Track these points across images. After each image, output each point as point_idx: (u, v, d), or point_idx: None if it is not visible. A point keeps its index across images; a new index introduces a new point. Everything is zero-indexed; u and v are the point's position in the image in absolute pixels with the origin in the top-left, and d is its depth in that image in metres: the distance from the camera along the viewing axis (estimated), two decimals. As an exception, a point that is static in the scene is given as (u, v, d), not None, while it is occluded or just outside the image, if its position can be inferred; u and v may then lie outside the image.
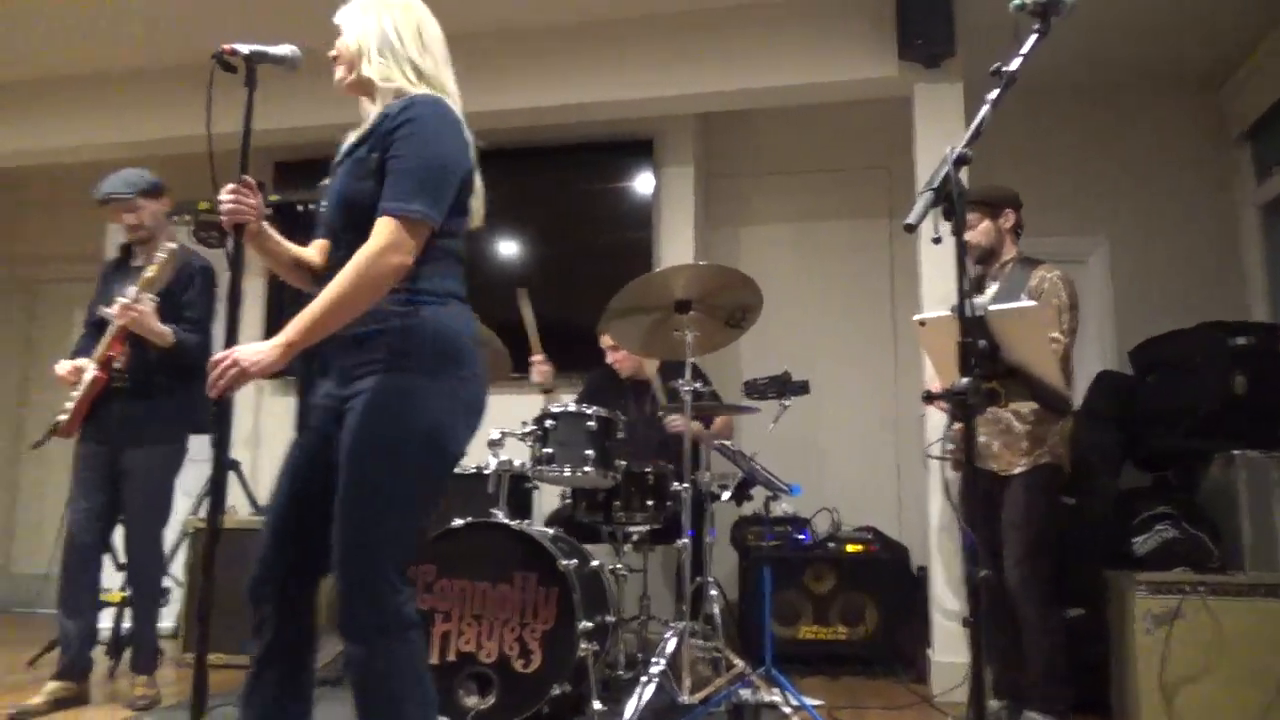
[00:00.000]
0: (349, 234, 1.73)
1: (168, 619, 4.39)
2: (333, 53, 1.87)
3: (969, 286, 1.46)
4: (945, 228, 1.47)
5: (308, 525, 1.75)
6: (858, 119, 4.86)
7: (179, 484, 3.37)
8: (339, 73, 1.86)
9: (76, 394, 3.17)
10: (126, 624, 3.78)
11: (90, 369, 3.16)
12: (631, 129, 4.71)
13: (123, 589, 3.78)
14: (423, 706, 1.68)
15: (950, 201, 1.43)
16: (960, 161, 1.48)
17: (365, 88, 1.84)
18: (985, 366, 1.49)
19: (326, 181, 1.88)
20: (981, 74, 1.75)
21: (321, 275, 1.85)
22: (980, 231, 3.05)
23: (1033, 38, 1.65)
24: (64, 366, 3.22)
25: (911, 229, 1.42)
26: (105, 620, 4.04)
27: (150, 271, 3.08)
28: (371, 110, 1.83)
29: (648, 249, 4.69)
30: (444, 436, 1.73)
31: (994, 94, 1.59)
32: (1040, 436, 2.88)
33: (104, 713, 3.16)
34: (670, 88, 4.14)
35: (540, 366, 3.83)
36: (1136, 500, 3.32)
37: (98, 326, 3.25)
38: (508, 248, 4.84)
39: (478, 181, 1.87)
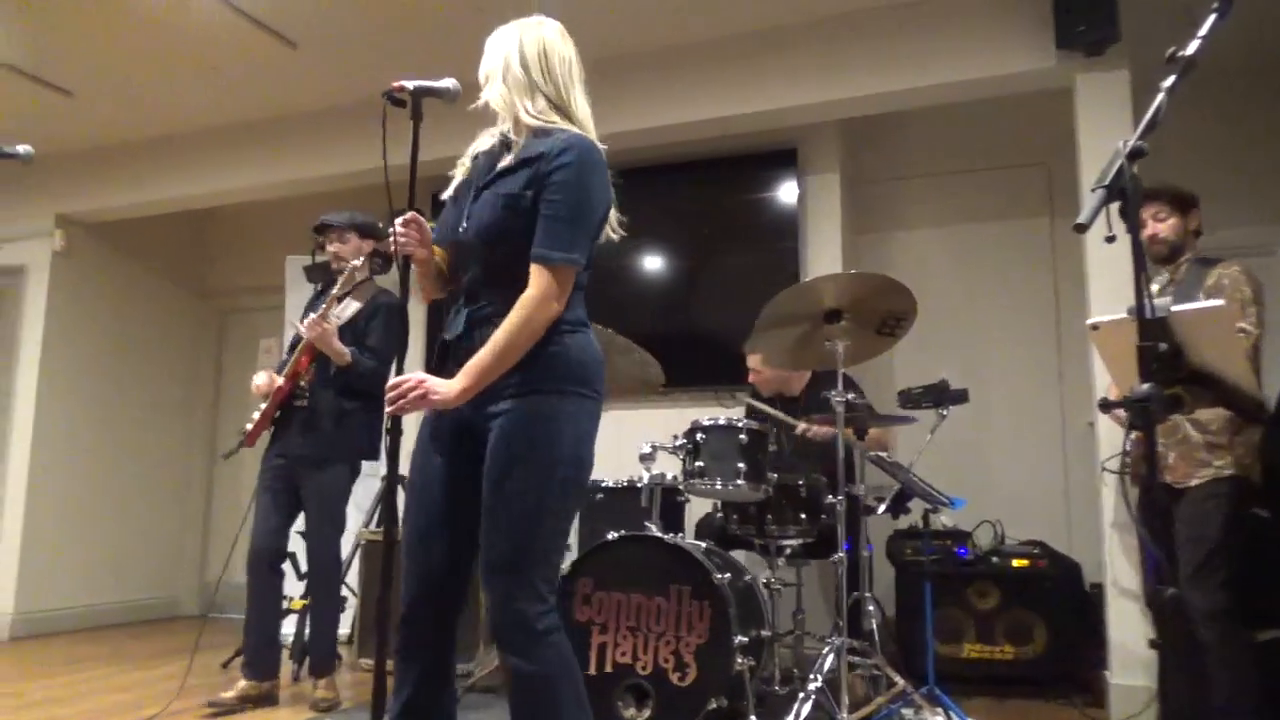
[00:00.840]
0: (493, 260, 1.84)
1: (343, 626, 4.66)
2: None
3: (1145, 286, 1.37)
4: (1119, 226, 1.39)
5: (453, 545, 1.85)
6: (1012, 115, 4.66)
7: (352, 499, 3.58)
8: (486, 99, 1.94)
9: (262, 407, 3.42)
10: (309, 629, 4.03)
11: (278, 380, 3.41)
12: (774, 139, 4.67)
13: (304, 596, 4.04)
14: (579, 706, 1.75)
15: (1125, 198, 1.34)
16: (1134, 155, 1.39)
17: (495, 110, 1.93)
18: (1167, 371, 1.39)
19: (451, 194, 1.96)
20: (1147, 60, 1.65)
21: (447, 281, 1.99)
22: (1169, 227, 2.89)
23: (1212, 17, 1.54)
24: (261, 378, 3.46)
25: (1083, 229, 1.35)
26: (289, 625, 4.35)
27: (336, 289, 3.29)
28: (503, 129, 1.93)
29: (794, 259, 4.64)
30: (584, 454, 1.82)
31: (1169, 81, 1.49)
32: (1221, 445, 2.67)
33: (289, 713, 3.38)
34: (814, 95, 4.08)
35: None
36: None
37: (294, 346, 3.49)
38: (653, 263, 4.90)
39: (613, 212, 1.94)
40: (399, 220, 1.83)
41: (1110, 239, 1.43)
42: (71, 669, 4.24)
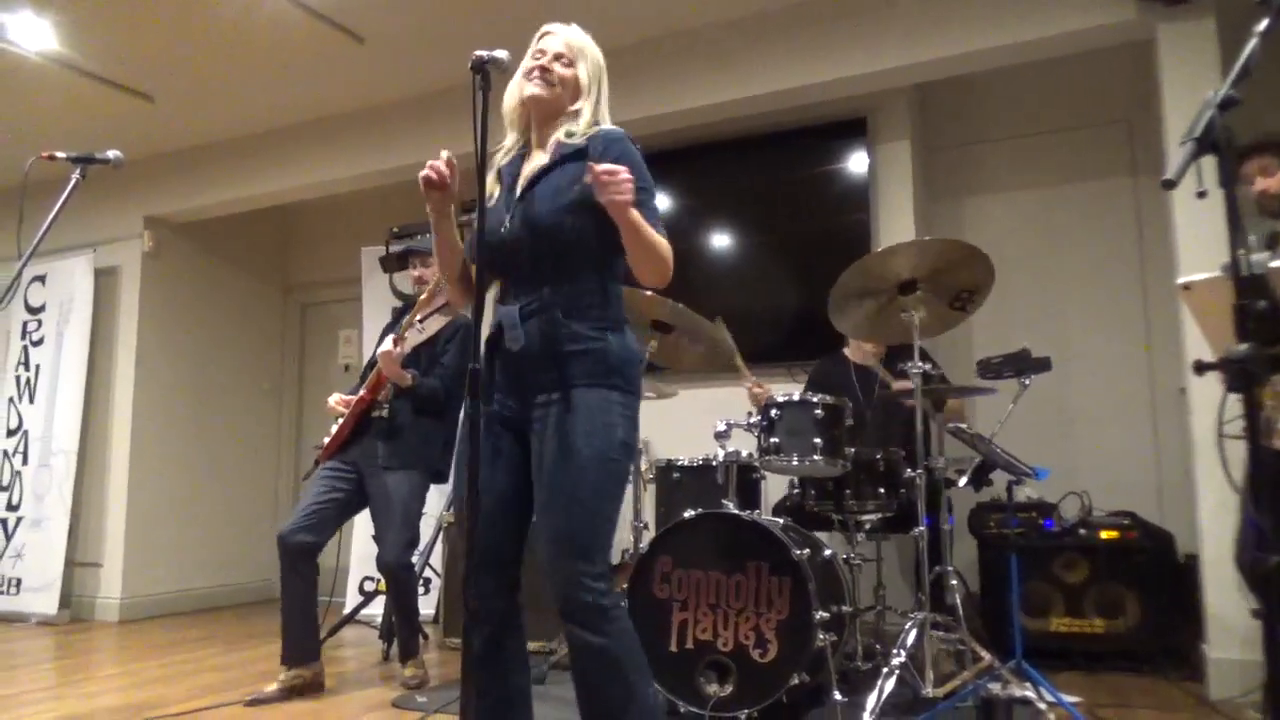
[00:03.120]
0: (541, 254, 1.92)
1: (428, 606, 4.79)
2: (555, 63, 1.99)
3: (1253, 244, 1.31)
4: (1211, 180, 1.33)
5: (512, 530, 1.98)
6: (1089, 71, 4.49)
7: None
8: (544, 90, 1.98)
9: (340, 422, 3.49)
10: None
11: (360, 393, 3.48)
12: (843, 108, 4.58)
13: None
14: (645, 676, 1.84)
15: (1218, 151, 1.29)
16: (1226, 105, 1.32)
17: (557, 114, 2.01)
18: (1267, 330, 1.33)
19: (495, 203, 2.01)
20: (1236, 6, 1.56)
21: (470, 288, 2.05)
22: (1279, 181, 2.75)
23: (1308, -45, 1.45)
24: (335, 398, 3.55)
25: (1171, 185, 1.29)
26: (377, 607, 4.48)
27: (414, 314, 3.34)
28: (551, 133, 2.02)
29: (866, 231, 4.55)
30: (633, 443, 1.95)
31: (1263, 24, 1.41)
32: None
33: (380, 690, 3.50)
34: (884, 61, 3.98)
35: (755, 390, 3.78)
36: None
37: (370, 368, 3.57)
38: (722, 240, 4.86)
39: None
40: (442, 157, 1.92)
41: (1201, 195, 1.37)
42: (178, 649, 4.44)
